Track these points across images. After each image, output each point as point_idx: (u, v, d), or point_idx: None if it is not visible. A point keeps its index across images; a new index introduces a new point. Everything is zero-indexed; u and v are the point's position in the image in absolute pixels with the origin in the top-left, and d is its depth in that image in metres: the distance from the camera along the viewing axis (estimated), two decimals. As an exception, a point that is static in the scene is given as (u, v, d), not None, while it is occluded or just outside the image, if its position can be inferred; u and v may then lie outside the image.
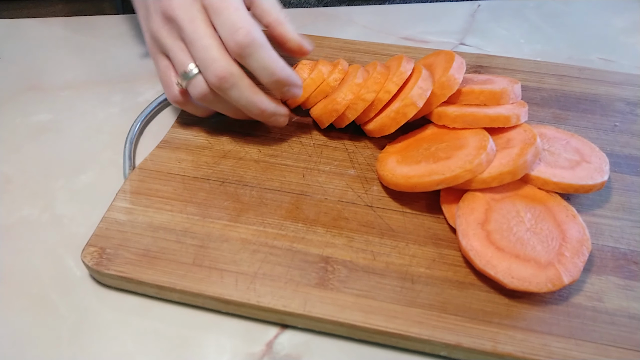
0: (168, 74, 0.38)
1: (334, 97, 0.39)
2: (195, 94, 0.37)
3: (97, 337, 0.31)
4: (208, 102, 0.38)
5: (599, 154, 0.37)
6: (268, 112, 0.38)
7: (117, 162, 0.41)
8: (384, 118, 0.38)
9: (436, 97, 0.38)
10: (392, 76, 0.38)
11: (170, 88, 0.39)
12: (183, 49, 0.36)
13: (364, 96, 0.38)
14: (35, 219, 0.37)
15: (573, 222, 0.33)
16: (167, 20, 0.36)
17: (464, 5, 0.59)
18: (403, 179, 0.35)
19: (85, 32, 0.55)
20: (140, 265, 0.32)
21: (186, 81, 0.37)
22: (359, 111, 0.38)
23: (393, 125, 0.38)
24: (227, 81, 0.35)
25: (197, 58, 0.35)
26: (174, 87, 0.38)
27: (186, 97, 0.39)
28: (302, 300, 0.31)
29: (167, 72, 0.38)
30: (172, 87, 0.38)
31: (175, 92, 0.39)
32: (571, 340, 0.29)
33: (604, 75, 0.47)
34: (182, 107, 0.40)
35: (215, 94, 0.37)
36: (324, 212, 0.36)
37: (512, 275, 0.30)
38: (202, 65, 0.35)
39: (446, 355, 0.30)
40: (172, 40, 0.37)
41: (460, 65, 0.38)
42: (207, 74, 0.35)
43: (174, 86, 0.38)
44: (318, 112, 0.40)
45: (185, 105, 0.40)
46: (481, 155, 0.33)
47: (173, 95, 0.39)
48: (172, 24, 0.36)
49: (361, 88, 0.38)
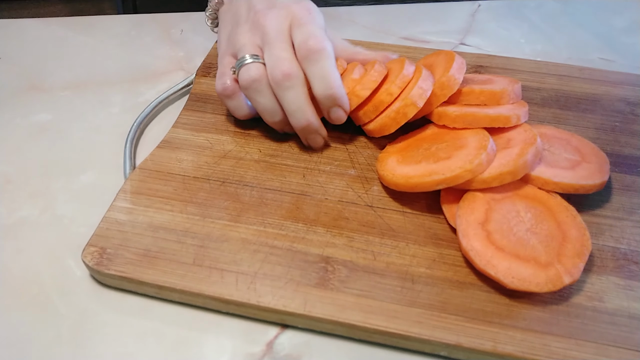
0: (227, 67, 0.40)
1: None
2: (246, 77, 0.37)
3: (97, 337, 0.31)
4: (254, 92, 0.38)
5: (599, 154, 0.37)
6: (313, 126, 0.38)
7: (117, 162, 0.41)
8: (384, 118, 0.38)
9: (436, 98, 0.38)
10: (395, 79, 0.38)
11: (222, 78, 0.39)
12: (255, 45, 0.39)
13: (359, 92, 0.38)
14: (35, 219, 0.37)
15: (573, 222, 0.33)
16: (256, 28, 0.39)
17: (464, 5, 0.59)
18: (403, 179, 0.35)
19: (85, 32, 0.55)
20: (141, 265, 0.32)
21: (241, 66, 0.38)
22: (352, 106, 0.38)
23: (393, 125, 0.38)
24: (290, 80, 0.36)
25: (270, 55, 0.37)
26: (225, 78, 0.39)
27: (235, 88, 0.39)
28: (302, 300, 0.31)
29: (227, 66, 0.40)
30: (224, 78, 0.39)
31: (226, 82, 0.39)
32: (571, 340, 0.29)
33: (604, 75, 0.47)
34: (227, 101, 0.40)
35: (265, 85, 0.37)
36: (324, 212, 0.36)
37: (512, 275, 0.30)
38: (272, 60, 0.37)
39: (446, 355, 0.30)
40: (250, 40, 0.39)
41: (460, 66, 0.38)
42: (274, 68, 0.37)
43: (227, 77, 0.39)
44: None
45: (231, 97, 0.40)
46: (481, 155, 0.33)
47: (222, 85, 0.39)
48: (258, 31, 0.39)
49: (357, 84, 0.38)
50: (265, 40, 0.38)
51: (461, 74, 0.37)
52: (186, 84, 0.47)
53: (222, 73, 0.40)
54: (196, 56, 0.52)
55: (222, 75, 0.40)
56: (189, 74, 0.49)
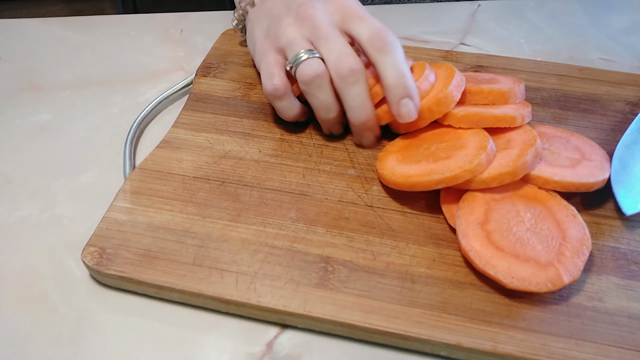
0: (275, 65, 0.39)
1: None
2: (309, 73, 0.37)
3: (97, 337, 0.31)
4: (316, 88, 0.37)
5: (600, 152, 0.37)
6: (371, 122, 0.38)
7: (117, 162, 0.41)
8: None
9: (431, 113, 0.37)
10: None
11: (272, 79, 0.38)
12: (305, 39, 0.38)
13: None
14: (35, 219, 0.37)
15: (573, 222, 0.33)
16: (302, 21, 0.38)
17: (464, 5, 0.59)
18: (402, 178, 0.35)
19: (85, 32, 0.55)
20: (141, 265, 0.32)
21: (299, 62, 0.37)
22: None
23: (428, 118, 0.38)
24: (356, 75, 0.36)
25: (331, 50, 0.37)
26: (276, 78, 0.38)
27: (287, 88, 0.38)
28: (302, 300, 0.31)
29: (275, 64, 0.39)
30: (274, 78, 0.38)
31: (277, 82, 0.38)
32: (571, 340, 0.29)
33: (604, 75, 0.47)
34: (276, 102, 0.39)
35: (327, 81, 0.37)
36: (324, 212, 0.36)
37: (512, 275, 0.30)
38: (334, 55, 0.37)
39: (446, 355, 0.30)
40: (299, 33, 0.38)
41: (459, 83, 0.38)
42: (339, 65, 0.37)
43: (277, 77, 0.38)
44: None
45: (282, 98, 0.39)
46: (481, 156, 0.33)
47: (273, 86, 0.38)
48: (306, 24, 0.38)
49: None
50: (319, 35, 0.38)
51: (459, 91, 0.37)
52: (186, 84, 0.47)
53: (270, 73, 0.38)
54: (196, 56, 0.52)
55: (271, 75, 0.38)
56: (189, 74, 0.49)
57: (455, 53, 0.49)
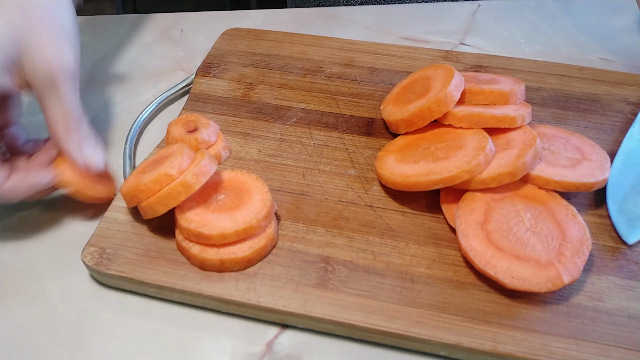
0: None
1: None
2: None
3: (97, 336, 0.31)
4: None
5: (600, 151, 0.37)
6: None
7: (117, 162, 0.41)
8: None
9: (431, 113, 0.37)
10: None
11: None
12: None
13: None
14: (35, 219, 0.37)
15: (573, 222, 0.33)
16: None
17: (464, 5, 0.59)
18: (401, 178, 0.35)
19: (85, 32, 0.55)
20: (141, 265, 0.32)
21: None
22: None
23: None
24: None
25: None
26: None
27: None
28: (302, 300, 0.31)
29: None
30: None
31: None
32: (571, 340, 0.29)
33: (604, 75, 0.47)
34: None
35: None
36: (324, 212, 0.36)
37: (512, 275, 0.30)
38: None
39: (446, 355, 0.30)
40: None
41: (459, 83, 0.38)
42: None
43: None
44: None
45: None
46: (479, 156, 0.33)
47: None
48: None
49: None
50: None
51: (459, 91, 0.37)
52: (186, 84, 0.47)
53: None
54: (196, 56, 0.52)
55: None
56: (189, 74, 0.49)
57: (455, 53, 0.49)
